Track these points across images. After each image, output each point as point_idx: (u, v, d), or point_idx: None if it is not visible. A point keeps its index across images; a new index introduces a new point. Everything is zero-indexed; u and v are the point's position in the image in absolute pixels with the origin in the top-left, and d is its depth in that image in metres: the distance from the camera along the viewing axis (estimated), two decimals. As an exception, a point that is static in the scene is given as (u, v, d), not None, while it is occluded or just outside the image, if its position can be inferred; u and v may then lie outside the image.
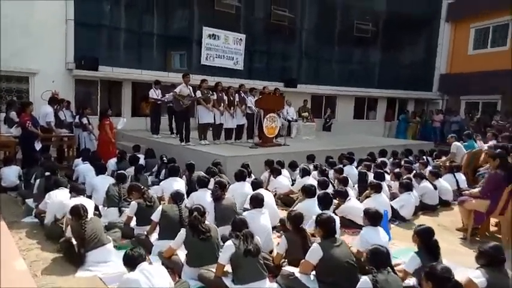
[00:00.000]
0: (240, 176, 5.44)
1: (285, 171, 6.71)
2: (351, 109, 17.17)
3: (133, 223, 4.51)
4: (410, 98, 18.03)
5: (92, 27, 11.23)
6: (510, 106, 14.50)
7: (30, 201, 5.35)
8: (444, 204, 6.23)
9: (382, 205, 5.09)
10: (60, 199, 4.53)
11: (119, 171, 5.31)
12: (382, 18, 16.77)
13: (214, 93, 8.92)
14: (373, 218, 3.67)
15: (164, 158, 7.28)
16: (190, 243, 3.41)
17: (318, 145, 9.39)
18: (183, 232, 3.48)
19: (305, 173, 5.97)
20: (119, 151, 7.32)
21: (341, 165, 6.87)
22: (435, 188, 6.03)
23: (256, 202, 4.09)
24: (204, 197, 4.84)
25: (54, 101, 8.54)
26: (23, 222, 4.93)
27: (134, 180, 5.72)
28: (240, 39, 14.26)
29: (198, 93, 8.58)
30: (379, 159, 8.24)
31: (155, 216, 4.05)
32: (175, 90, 8.56)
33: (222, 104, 9.07)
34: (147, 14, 12.22)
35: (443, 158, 8.11)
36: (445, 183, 6.36)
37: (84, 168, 6.41)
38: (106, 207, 5.01)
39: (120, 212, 4.85)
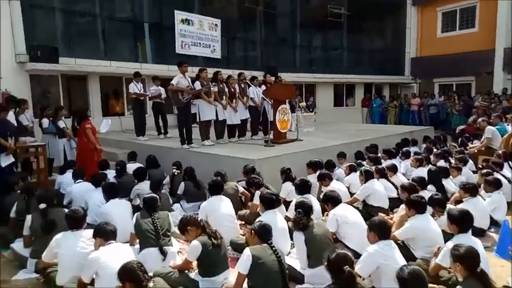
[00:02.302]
0: (304, 189, 4.25)
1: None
2: (331, 96, 16.57)
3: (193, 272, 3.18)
4: (385, 82, 17.80)
5: (47, 9, 9.17)
6: (486, 87, 14.68)
7: (17, 247, 3.74)
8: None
9: (482, 211, 4.25)
10: (77, 248, 3.06)
11: (146, 195, 3.82)
12: (352, 3, 16.01)
13: (215, 84, 7.55)
14: None
15: (174, 169, 5.83)
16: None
17: (332, 138, 8.36)
18: None
19: (369, 175, 4.89)
20: (117, 162, 5.69)
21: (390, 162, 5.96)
22: (509, 181, 5.30)
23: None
24: (275, 223, 3.59)
25: (13, 102, 6.63)
26: (19, 282, 3.34)
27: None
28: (216, 24, 12.84)
29: (198, 85, 7.19)
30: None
31: (243, 267, 2.72)
32: (171, 82, 7.08)
33: (224, 97, 7.73)
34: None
35: (476, 144, 7.50)
36: (508, 173, 5.66)
37: (80, 189, 4.74)
38: (139, 248, 3.56)
39: (163, 254, 3.44)
